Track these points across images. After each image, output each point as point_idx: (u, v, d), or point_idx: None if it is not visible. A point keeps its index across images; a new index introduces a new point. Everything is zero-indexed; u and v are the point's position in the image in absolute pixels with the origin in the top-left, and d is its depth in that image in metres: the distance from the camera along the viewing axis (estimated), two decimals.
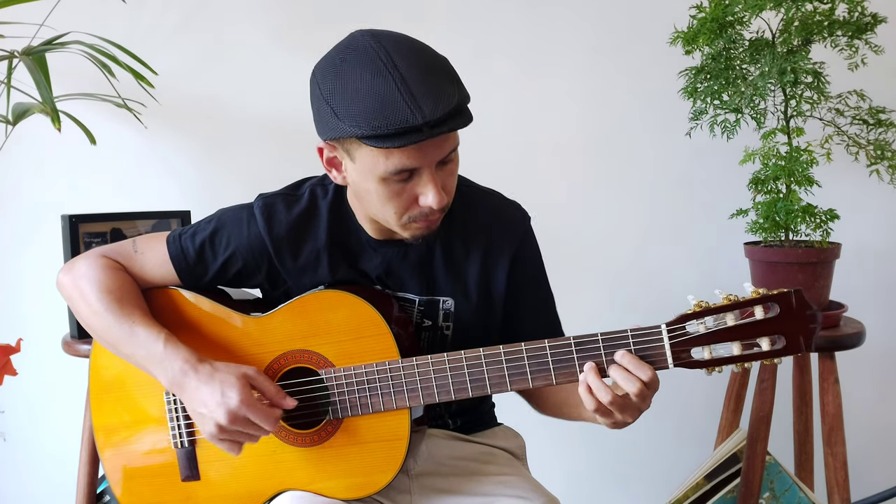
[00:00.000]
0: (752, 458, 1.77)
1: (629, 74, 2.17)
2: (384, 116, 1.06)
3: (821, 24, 1.70)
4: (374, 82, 1.07)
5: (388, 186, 1.14)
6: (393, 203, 1.16)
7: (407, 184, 1.15)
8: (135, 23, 2.04)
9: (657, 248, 2.23)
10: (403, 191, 1.15)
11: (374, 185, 1.15)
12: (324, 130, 1.15)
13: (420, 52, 1.12)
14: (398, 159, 1.11)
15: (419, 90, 1.07)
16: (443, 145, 1.12)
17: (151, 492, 1.34)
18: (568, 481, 2.13)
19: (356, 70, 1.09)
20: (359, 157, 1.14)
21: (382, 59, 1.08)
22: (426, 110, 1.06)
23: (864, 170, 1.76)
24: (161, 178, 2.14)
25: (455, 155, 1.18)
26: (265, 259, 1.30)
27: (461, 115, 1.11)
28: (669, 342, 1.11)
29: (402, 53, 1.09)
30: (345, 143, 1.14)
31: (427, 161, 1.12)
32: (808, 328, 1.09)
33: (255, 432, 1.19)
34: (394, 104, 1.06)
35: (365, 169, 1.14)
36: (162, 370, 1.22)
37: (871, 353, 2.04)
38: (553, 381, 1.15)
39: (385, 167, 1.12)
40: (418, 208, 1.17)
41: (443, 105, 1.07)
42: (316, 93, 1.14)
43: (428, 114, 1.06)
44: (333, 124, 1.11)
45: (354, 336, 1.22)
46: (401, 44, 1.11)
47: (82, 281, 1.29)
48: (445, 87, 1.09)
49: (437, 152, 1.12)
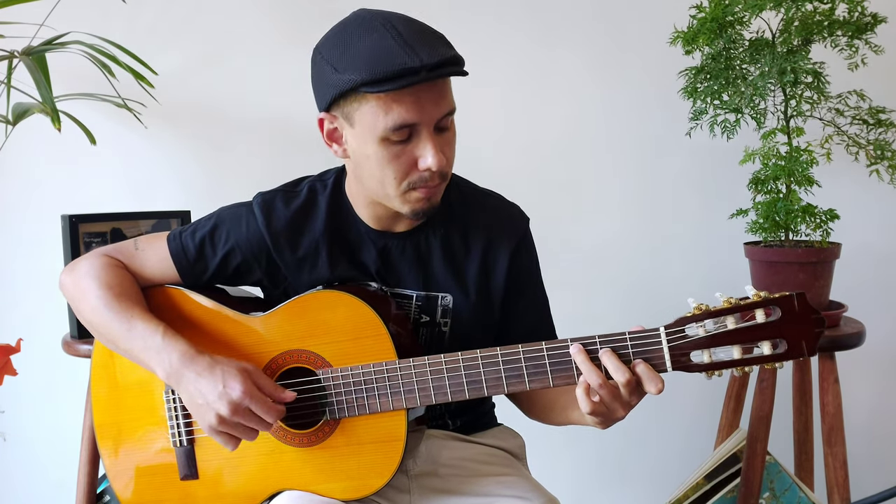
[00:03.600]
0: (752, 458, 1.77)
1: (629, 74, 2.17)
2: (383, 62, 1.10)
3: (821, 24, 1.70)
4: (372, 39, 1.12)
5: (388, 148, 1.16)
6: (392, 166, 1.17)
7: (406, 145, 1.16)
8: (135, 23, 2.05)
9: (657, 248, 2.23)
10: (403, 153, 1.17)
11: (373, 149, 1.16)
12: (324, 94, 1.18)
13: (418, 21, 1.17)
14: (397, 113, 1.13)
15: (416, 42, 1.11)
16: (440, 102, 1.15)
17: (150, 490, 1.34)
18: (568, 481, 2.13)
19: (356, 34, 1.14)
20: (358, 118, 1.16)
21: (381, 22, 1.14)
22: (423, 56, 1.10)
23: (864, 170, 1.75)
24: (161, 178, 2.14)
25: (452, 123, 1.20)
26: (264, 254, 1.31)
27: (457, 65, 1.14)
28: (668, 345, 1.10)
29: (399, 20, 1.15)
30: (344, 106, 1.16)
31: (426, 116, 1.14)
32: (811, 332, 1.06)
33: (256, 426, 1.18)
34: (393, 52, 1.10)
35: (364, 131, 1.16)
36: (159, 362, 1.22)
37: (871, 353, 2.03)
38: (550, 383, 1.15)
39: (385, 123, 1.13)
40: (417, 172, 1.18)
41: (439, 54, 1.11)
42: (317, 61, 1.18)
43: (425, 58, 1.10)
44: (334, 80, 1.14)
45: (352, 336, 1.22)
46: (399, 15, 1.17)
47: (83, 279, 1.30)
48: (441, 45, 1.14)
49: (434, 109, 1.15)
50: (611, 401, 1.11)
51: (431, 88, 1.14)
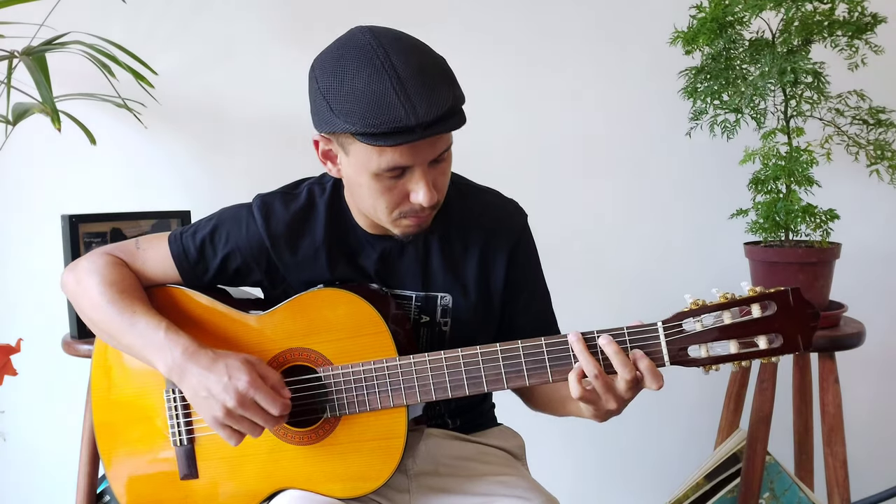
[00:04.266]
0: (752, 458, 1.77)
1: (629, 74, 2.17)
2: (378, 115, 1.07)
3: (821, 24, 1.70)
4: (370, 81, 1.08)
5: (380, 182, 1.16)
6: (384, 198, 1.17)
7: (399, 180, 1.16)
8: (135, 23, 2.05)
9: (657, 248, 2.23)
10: (395, 187, 1.16)
11: (366, 180, 1.16)
12: (320, 124, 1.17)
13: (417, 51, 1.13)
14: (391, 157, 1.12)
15: (414, 90, 1.07)
16: (436, 144, 1.14)
17: (150, 489, 1.34)
18: (567, 481, 2.13)
19: (353, 67, 1.10)
20: (352, 151, 1.15)
21: (380, 57, 1.09)
22: (420, 111, 1.07)
23: (864, 170, 1.75)
24: (161, 178, 2.14)
25: (448, 154, 1.19)
26: (264, 256, 1.31)
27: (455, 117, 1.11)
28: (665, 340, 1.11)
29: (399, 51, 1.10)
30: (339, 138, 1.16)
31: (419, 160, 1.13)
32: (806, 327, 1.08)
33: (261, 420, 1.18)
34: (388, 103, 1.07)
35: (358, 164, 1.16)
36: (161, 357, 1.21)
37: (871, 353, 2.03)
38: (549, 378, 1.15)
39: (378, 164, 1.13)
40: (409, 205, 1.18)
41: (437, 107, 1.08)
42: (314, 87, 1.15)
43: (422, 115, 1.07)
44: (329, 119, 1.12)
45: (352, 334, 1.22)
46: (399, 41, 1.12)
47: (85, 276, 1.30)
48: (441, 88, 1.10)
49: (429, 151, 1.14)
50: (604, 392, 1.12)
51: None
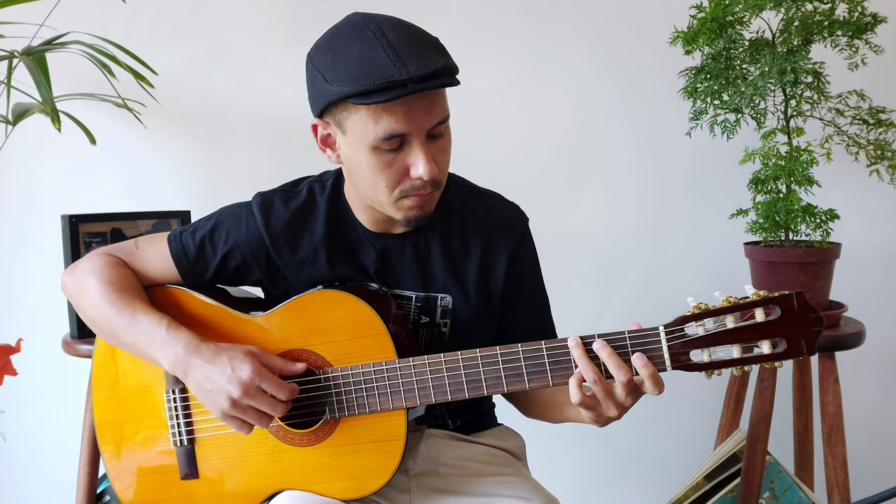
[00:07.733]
0: (752, 458, 1.77)
1: (629, 74, 2.17)
2: (370, 74, 1.09)
3: (821, 24, 1.70)
4: (361, 48, 1.11)
5: (379, 156, 1.15)
6: (384, 174, 1.17)
7: (398, 154, 1.16)
8: (135, 23, 2.05)
9: (657, 248, 2.23)
10: (394, 161, 1.16)
11: (365, 156, 1.16)
12: (316, 101, 1.17)
13: (410, 27, 1.15)
14: (387, 123, 1.12)
15: (406, 53, 1.09)
16: (431, 111, 1.14)
17: (151, 489, 1.34)
18: (568, 481, 2.13)
19: (346, 41, 1.13)
20: (349, 126, 1.15)
21: (371, 29, 1.12)
22: (411, 67, 1.08)
23: (864, 170, 1.75)
24: (161, 178, 2.14)
25: (446, 129, 1.19)
26: (263, 254, 1.31)
27: (447, 77, 1.12)
28: (667, 344, 1.10)
29: (391, 26, 1.13)
30: (335, 114, 1.16)
31: (416, 126, 1.13)
32: (810, 331, 1.07)
33: (268, 407, 1.18)
34: (379, 63, 1.09)
35: (356, 139, 1.15)
36: (164, 353, 1.22)
37: (871, 353, 2.04)
38: (550, 382, 1.15)
39: (375, 132, 1.13)
40: (409, 181, 1.17)
41: (428, 65, 1.09)
42: (310, 68, 1.17)
43: (413, 70, 1.08)
44: (324, 90, 1.13)
45: (352, 336, 1.22)
46: (391, 19, 1.15)
47: (85, 277, 1.30)
48: (432, 53, 1.12)
49: (425, 118, 1.13)
50: (604, 398, 1.11)
51: (422, 98, 1.12)
